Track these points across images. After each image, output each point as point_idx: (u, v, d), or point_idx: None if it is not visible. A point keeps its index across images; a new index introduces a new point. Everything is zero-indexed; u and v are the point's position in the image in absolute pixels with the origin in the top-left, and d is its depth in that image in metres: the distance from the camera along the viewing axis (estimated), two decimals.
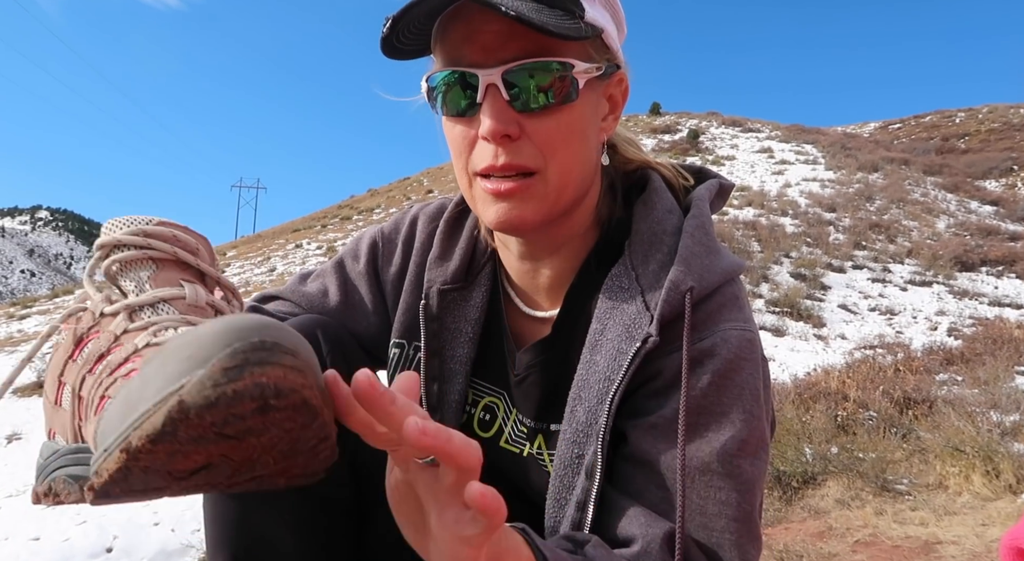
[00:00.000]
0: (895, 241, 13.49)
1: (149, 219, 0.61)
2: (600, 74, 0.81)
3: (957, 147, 30.06)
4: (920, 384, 5.58)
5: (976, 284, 10.97)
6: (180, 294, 0.57)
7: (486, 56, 0.75)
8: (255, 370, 0.37)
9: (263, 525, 0.84)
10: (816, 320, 8.82)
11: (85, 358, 0.55)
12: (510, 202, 0.80)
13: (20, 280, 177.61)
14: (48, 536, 2.98)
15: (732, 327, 0.80)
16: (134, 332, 0.54)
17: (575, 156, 0.81)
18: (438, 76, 0.79)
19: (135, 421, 0.39)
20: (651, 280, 0.83)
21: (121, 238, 0.58)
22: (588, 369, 0.83)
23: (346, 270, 1.09)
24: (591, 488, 0.77)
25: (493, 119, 0.76)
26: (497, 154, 0.78)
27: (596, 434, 0.79)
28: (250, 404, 0.37)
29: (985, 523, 3.16)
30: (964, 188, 19.41)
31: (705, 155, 22.77)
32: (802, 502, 3.66)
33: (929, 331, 8.52)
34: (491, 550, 0.52)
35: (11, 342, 10.23)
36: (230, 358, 0.37)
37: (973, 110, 35.90)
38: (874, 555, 2.94)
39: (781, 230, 13.38)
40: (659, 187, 0.92)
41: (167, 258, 0.60)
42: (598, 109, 0.84)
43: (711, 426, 0.76)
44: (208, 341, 0.39)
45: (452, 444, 0.47)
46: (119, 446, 0.39)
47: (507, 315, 0.98)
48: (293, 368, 0.39)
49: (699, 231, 0.85)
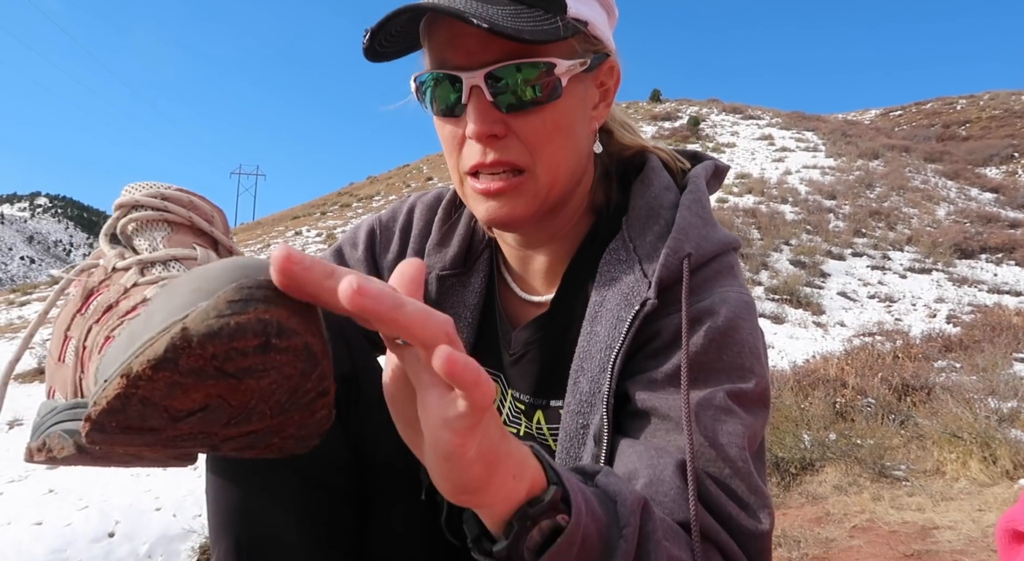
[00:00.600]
0: (895, 228, 13.49)
1: (168, 185, 0.63)
2: (586, 68, 0.81)
3: (958, 134, 29.97)
4: (918, 371, 5.60)
5: (975, 271, 10.98)
6: (192, 255, 0.58)
7: (469, 59, 0.77)
8: (259, 306, 0.38)
9: (265, 511, 0.84)
10: (815, 307, 8.84)
11: (93, 310, 0.56)
12: (499, 200, 0.81)
13: (20, 267, 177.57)
14: (50, 521, 3.00)
15: (730, 289, 0.81)
16: (144, 285, 0.55)
17: (562, 151, 0.82)
18: (425, 77, 0.81)
19: (138, 349, 0.38)
20: (648, 250, 0.84)
21: (140, 199, 0.60)
22: (589, 340, 0.83)
23: (345, 257, 1.10)
24: (600, 454, 0.78)
25: (478, 120, 0.77)
26: (485, 152, 0.79)
27: (600, 400, 0.79)
28: (253, 339, 0.37)
29: (982, 509, 3.18)
30: (964, 175, 19.38)
31: (706, 142, 22.70)
32: (800, 488, 3.69)
33: (928, 318, 8.54)
34: (485, 447, 0.46)
35: (11, 329, 10.24)
36: (235, 292, 0.37)
37: (974, 97, 35.75)
38: (871, 540, 2.96)
39: (781, 217, 13.36)
40: (656, 167, 0.93)
41: (183, 222, 0.61)
42: (587, 100, 0.85)
43: (712, 379, 0.77)
44: (214, 275, 0.39)
45: (402, 311, 0.40)
46: (120, 372, 0.39)
47: (502, 299, 0.99)
48: (297, 311, 0.39)
49: (696, 205, 0.86)
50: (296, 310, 0.39)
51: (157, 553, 2.89)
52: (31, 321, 0.77)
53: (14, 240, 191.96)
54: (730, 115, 28.15)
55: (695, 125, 25.02)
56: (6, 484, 3.50)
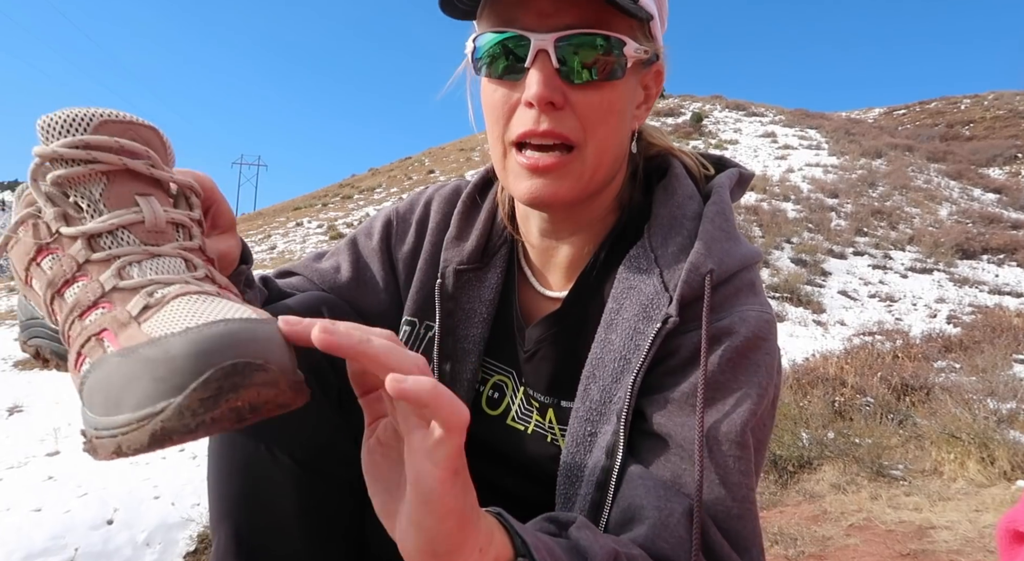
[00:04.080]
0: (897, 228, 13.47)
1: (89, 115, 0.56)
2: (644, 59, 0.81)
3: (962, 134, 29.89)
4: (918, 371, 5.60)
5: (977, 272, 10.97)
6: (139, 218, 0.55)
7: (540, 21, 0.75)
8: (230, 397, 0.42)
9: (267, 501, 0.84)
10: (816, 306, 8.84)
11: (49, 277, 0.55)
12: (545, 178, 0.79)
13: None
14: (49, 507, 3.01)
15: (750, 308, 0.80)
16: (97, 264, 0.54)
17: (613, 135, 0.81)
18: (487, 36, 0.78)
19: (120, 428, 0.43)
20: (670, 261, 0.83)
21: (61, 152, 0.54)
22: (603, 347, 0.83)
23: (359, 248, 1.10)
24: (612, 468, 0.77)
25: (541, 85, 0.75)
26: (539, 120, 0.77)
27: (615, 414, 0.79)
28: (228, 424, 0.42)
29: (979, 509, 3.19)
30: (967, 175, 19.33)
31: (708, 139, 22.65)
32: (797, 486, 3.69)
33: (928, 318, 8.54)
34: (460, 500, 0.49)
35: (12, 316, 10.24)
36: (203, 388, 0.41)
37: (979, 97, 35.64)
38: (868, 539, 2.96)
39: (783, 215, 13.34)
40: (680, 174, 0.92)
41: (117, 170, 0.56)
42: (635, 95, 0.85)
43: (727, 401, 0.76)
44: (181, 365, 0.42)
45: (369, 345, 0.47)
46: (111, 449, 0.43)
47: (519, 293, 0.98)
48: (265, 384, 0.43)
49: (719, 217, 0.85)
50: (264, 382, 0.43)
51: (155, 541, 2.90)
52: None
53: None
54: (733, 112, 28.06)
55: (698, 121, 24.96)
56: (6, 470, 3.51)
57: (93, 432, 0.45)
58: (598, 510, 0.78)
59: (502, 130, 0.81)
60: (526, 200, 0.82)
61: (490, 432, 0.94)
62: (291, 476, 0.84)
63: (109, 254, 0.53)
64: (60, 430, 4.13)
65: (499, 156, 0.83)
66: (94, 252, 0.54)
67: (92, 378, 0.47)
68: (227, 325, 0.44)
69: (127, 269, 0.53)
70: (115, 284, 0.52)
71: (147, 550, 2.85)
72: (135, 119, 0.59)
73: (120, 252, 0.54)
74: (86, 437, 0.47)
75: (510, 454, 0.93)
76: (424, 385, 0.45)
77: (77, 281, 0.54)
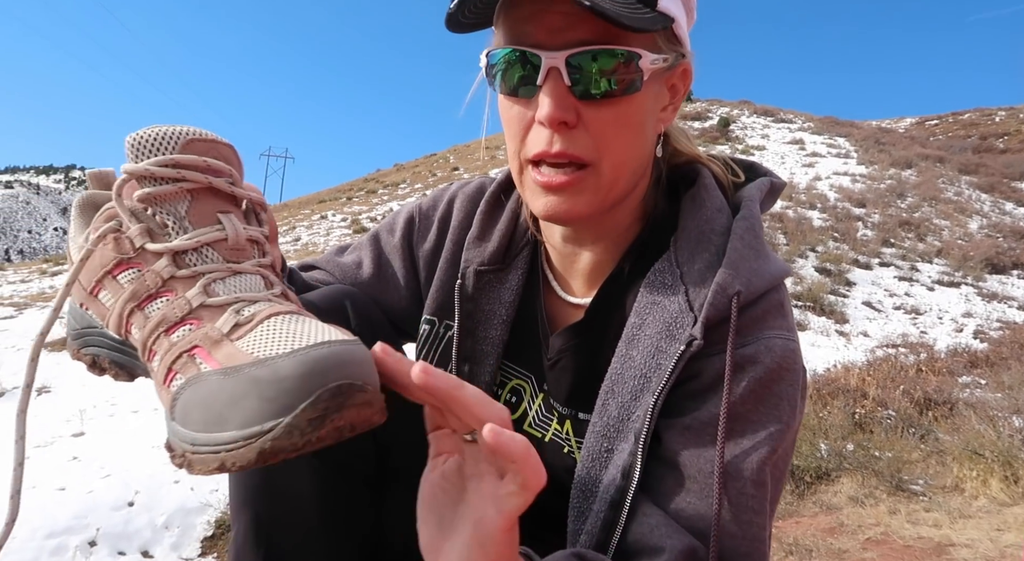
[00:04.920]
0: (925, 240, 13.25)
1: (178, 134, 0.58)
2: (667, 66, 0.78)
3: (995, 146, 29.30)
4: (942, 385, 5.51)
5: (1006, 287, 10.76)
6: (222, 236, 0.57)
7: (551, 37, 0.73)
8: (335, 416, 0.46)
9: (286, 491, 0.85)
10: (839, 316, 8.72)
11: (129, 291, 0.57)
12: (561, 195, 0.78)
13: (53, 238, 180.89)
14: (73, 487, 3.07)
15: (776, 335, 0.78)
16: (182, 281, 0.55)
17: (630, 149, 0.79)
18: (499, 53, 0.77)
19: (226, 445, 0.46)
20: (696, 279, 0.81)
21: (153, 171, 0.56)
22: (623, 363, 0.81)
23: (381, 243, 1.09)
24: (627, 488, 0.77)
25: (552, 104, 0.73)
26: (552, 141, 0.76)
27: (633, 434, 0.78)
28: (329, 441, 0.46)
29: (1000, 528, 3.13)
30: (1000, 189, 18.95)
31: (735, 144, 22.44)
32: (815, 497, 3.66)
33: (954, 332, 8.39)
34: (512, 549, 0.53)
35: (44, 298, 10.45)
36: (312, 409, 0.45)
37: (1015, 109, 34.91)
38: (885, 554, 2.93)
39: (808, 223, 13.19)
40: (709, 184, 0.89)
41: (202, 187, 0.58)
42: (659, 100, 0.82)
43: (746, 434, 0.75)
44: (290, 386, 0.45)
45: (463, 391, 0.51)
46: (214, 465, 0.47)
47: (544, 298, 0.97)
48: (364, 404, 0.47)
49: (748, 233, 0.83)
50: (364, 402, 0.47)
51: (174, 525, 2.95)
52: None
53: (48, 211, 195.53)
54: (761, 117, 27.79)
55: (725, 126, 24.75)
56: (33, 449, 3.58)
57: (189, 447, 0.48)
58: (610, 530, 0.77)
59: (519, 146, 0.80)
60: (543, 216, 0.81)
61: None
62: (310, 468, 0.85)
63: (195, 271, 0.56)
64: (86, 412, 4.22)
65: (517, 171, 0.83)
66: (179, 269, 0.56)
67: (187, 394, 0.50)
68: (330, 347, 0.47)
69: (212, 286, 0.55)
70: (202, 301, 0.54)
71: (166, 533, 2.90)
72: (217, 138, 0.61)
73: (205, 269, 0.56)
74: (175, 451, 0.49)
75: None
76: (519, 443, 0.50)
77: (161, 296, 0.56)
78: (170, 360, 0.52)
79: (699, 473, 0.75)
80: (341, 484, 0.89)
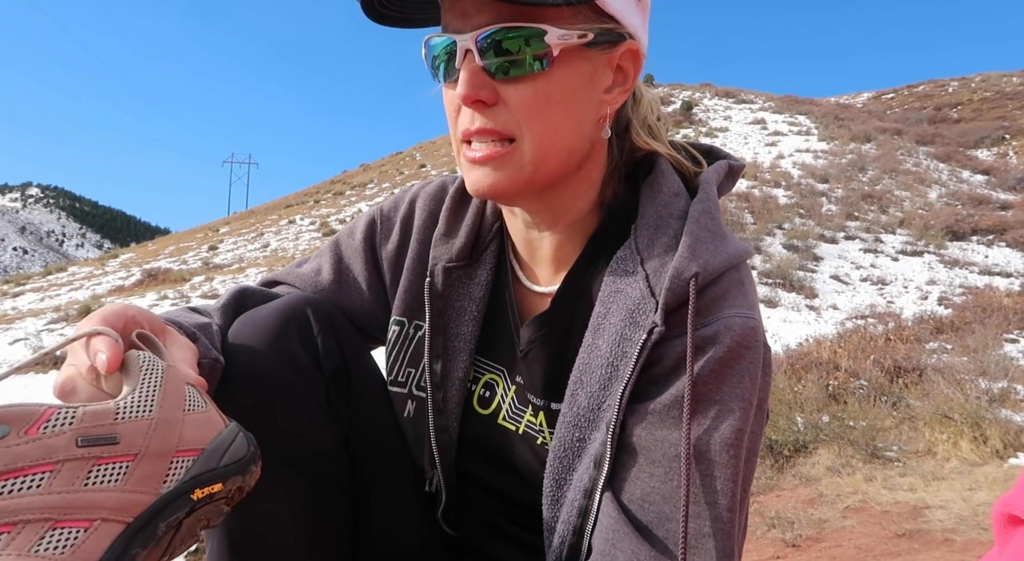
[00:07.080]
0: (887, 211, 13.53)
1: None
2: (588, 42, 0.77)
3: (950, 116, 29.98)
4: (910, 353, 5.65)
5: (966, 253, 11.05)
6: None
7: (464, 22, 0.76)
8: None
9: (259, 503, 0.83)
10: (808, 291, 8.88)
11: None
12: (484, 169, 0.80)
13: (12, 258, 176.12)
14: None
15: (736, 314, 0.78)
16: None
17: (555, 126, 0.79)
18: (430, 41, 0.81)
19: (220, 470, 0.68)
20: (656, 265, 0.81)
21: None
22: (590, 353, 0.82)
23: (341, 248, 1.08)
24: (599, 477, 0.78)
25: (466, 84, 0.76)
26: (473, 118, 0.79)
27: (604, 423, 0.79)
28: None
29: (972, 488, 3.23)
30: (956, 158, 19.41)
31: (699, 127, 22.65)
32: (793, 470, 3.73)
33: (920, 300, 8.60)
34: None
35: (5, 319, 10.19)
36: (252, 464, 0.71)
37: (966, 79, 35.72)
38: (864, 520, 3.00)
39: (774, 202, 13.39)
40: (666, 169, 0.90)
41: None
42: (596, 80, 0.81)
43: (709, 414, 0.76)
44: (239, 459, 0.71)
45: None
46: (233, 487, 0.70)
47: (512, 290, 0.97)
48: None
49: (704, 216, 0.83)
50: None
51: None
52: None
53: (6, 231, 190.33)
54: (723, 99, 28.06)
55: (688, 110, 24.95)
56: None
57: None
58: (584, 516, 0.78)
59: (453, 128, 0.83)
60: (471, 191, 0.83)
61: (482, 431, 0.94)
62: (282, 478, 0.84)
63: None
64: None
65: (456, 152, 0.85)
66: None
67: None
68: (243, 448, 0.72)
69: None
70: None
71: None
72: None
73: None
74: None
75: (501, 453, 0.93)
76: None
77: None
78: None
79: (663, 457, 0.76)
80: (313, 493, 0.89)
